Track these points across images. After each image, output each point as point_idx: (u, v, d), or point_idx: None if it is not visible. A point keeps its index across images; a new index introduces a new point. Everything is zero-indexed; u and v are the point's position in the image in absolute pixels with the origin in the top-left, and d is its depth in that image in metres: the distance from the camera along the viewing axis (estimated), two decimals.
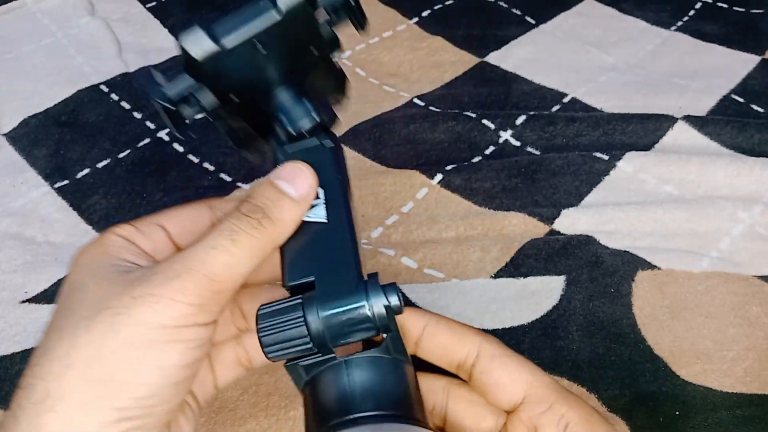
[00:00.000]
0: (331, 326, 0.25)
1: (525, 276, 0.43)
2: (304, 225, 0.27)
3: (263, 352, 0.25)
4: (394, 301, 0.25)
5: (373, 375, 0.25)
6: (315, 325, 0.25)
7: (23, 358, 0.37)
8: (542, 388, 0.26)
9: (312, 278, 0.26)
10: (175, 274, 0.24)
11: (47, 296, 0.42)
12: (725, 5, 0.73)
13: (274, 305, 0.25)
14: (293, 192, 0.27)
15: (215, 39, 0.27)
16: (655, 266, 0.43)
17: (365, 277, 0.26)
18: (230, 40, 0.27)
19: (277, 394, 0.37)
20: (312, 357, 0.25)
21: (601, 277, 0.42)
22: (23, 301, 0.41)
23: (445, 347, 0.28)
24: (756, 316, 0.40)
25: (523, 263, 0.44)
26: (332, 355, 0.25)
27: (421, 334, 0.29)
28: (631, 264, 0.43)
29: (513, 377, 0.27)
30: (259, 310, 0.25)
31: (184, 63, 0.28)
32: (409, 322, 0.29)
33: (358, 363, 0.25)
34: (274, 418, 0.36)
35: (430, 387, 0.29)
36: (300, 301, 0.25)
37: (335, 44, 0.31)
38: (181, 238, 0.29)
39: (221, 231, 0.25)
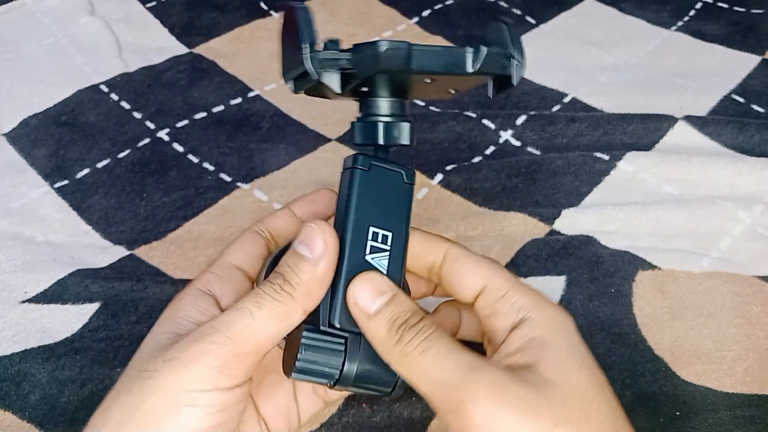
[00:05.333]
0: (360, 379, 0.28)
1: (525, 276, 0.43)
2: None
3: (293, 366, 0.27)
4: None
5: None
6: (348, 372, 0.27)
7: (23, 358, 0.37)
8: (499, 280, 0.29)
9: (359, 332, 0.28)
10: (200, 335, 0.26)
11: (47, 296, 0.41)
12: (725, 5, 0.73)
13: (319, 336, 0.27)
14: (309, 254, 0.27)
15: None
16: (656, 266, 0.43)
17: None
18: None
19: None
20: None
21: (601, 277, 0.42)
22: (23, 301, 0.41)
23: (417, 254, 0.31)
24: (756, 317, 0.40)
25: (523, 263, 0.43)
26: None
27: None
28: (631, 264, 0.43)
29: (472, 273, 0.30)
30: (304, 330, 0.27)
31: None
32: None
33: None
34: None
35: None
36: (344, 347, 0.27)
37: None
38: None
39: (249, 295, 0.27)
